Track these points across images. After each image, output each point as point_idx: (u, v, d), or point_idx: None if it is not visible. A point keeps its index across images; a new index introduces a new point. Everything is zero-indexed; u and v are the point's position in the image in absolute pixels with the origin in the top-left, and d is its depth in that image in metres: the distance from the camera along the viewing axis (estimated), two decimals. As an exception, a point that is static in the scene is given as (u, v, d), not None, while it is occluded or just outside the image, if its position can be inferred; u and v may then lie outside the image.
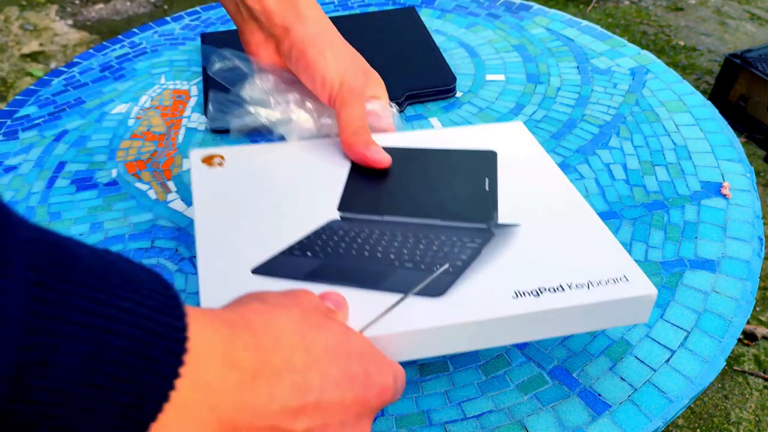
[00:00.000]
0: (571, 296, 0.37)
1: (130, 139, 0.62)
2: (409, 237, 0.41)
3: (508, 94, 0.66)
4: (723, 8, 2.24)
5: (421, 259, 0.39)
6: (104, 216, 0.54)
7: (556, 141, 0.59)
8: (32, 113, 0.66)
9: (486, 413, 0.39)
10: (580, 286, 0.37)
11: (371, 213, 0.43)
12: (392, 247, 0.40)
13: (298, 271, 0.39)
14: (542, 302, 0.36)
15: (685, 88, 0.65)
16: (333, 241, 0.41)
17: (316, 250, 0.40)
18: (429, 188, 0.45)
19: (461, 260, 0.39)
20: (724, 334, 0.43)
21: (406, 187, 0.45)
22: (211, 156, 0.48)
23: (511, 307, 0.36)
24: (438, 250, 0.40)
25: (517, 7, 0.79)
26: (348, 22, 0.74)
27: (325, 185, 0.46)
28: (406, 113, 0.64)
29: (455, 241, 0.40)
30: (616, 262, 0.39)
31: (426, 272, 0.38)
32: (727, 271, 0.47)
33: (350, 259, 0.39)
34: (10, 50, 2.10)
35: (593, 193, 0.54)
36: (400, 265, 0.39)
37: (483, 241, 0.40)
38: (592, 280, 0.38)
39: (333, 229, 0.42)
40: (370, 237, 0.41)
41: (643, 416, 0.39)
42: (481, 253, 0.39)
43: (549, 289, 0.37)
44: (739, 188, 0.53)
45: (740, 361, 1.22)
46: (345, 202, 0.44)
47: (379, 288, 0.37)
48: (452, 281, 0.38)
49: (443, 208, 0.43)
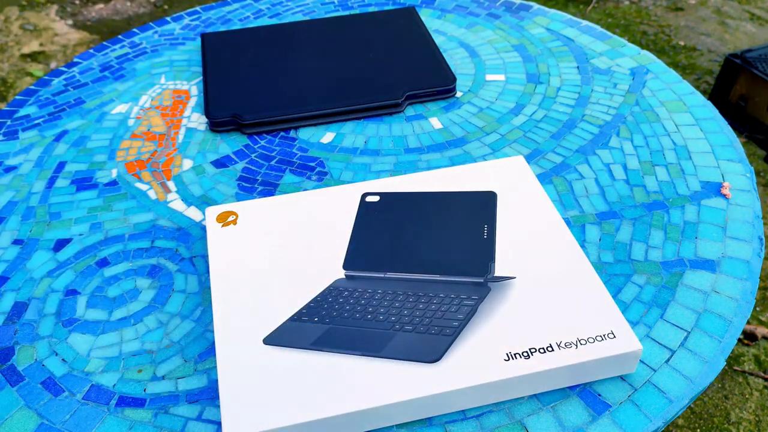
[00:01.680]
0: (560, 356, 0.39)
1: (130, 139, 0.62)
2: (410, 295, 0.43)
3: (508, 94, 0.66)
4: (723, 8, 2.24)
5: (419, 321, 0.41)
6: (104, 216, 0.54)
7: (556, 141, 0.59)
8: (32, 113, 0.66)
9: (486, 413, 0.39)
10: (568, 345, 0.39)
11: (374, 270, 0.45)
12: (393, 308, 0.42)
13: (305, 339, 0.41)
14: (532, 365, 0.38)
15: (685, 88, 0.65)
16: (338, 303, 0.43)
17: (322, 315, 0.42)
18: (429, 239, 0.47)
19: (458, 320, 0.41)
20: (724, 334, 0.43)
21: (407, 240, 0.47)
22: (225, 213, 0.50)
23: (503, 371, 0.38)
24: (436, 309, 0.42)
25: (517, 7, 0.79)
26: (348, 22, 0.74)
27: (331, 239, 0.48)
28: (406, 113, 0.64)
29: (453, 299, 0.42)
30: (604, 316, 0.41)
31: (424, 335, 0.40)
32: (727, 271, 0.47)
33: (354, 323, 0.42)
34: (10, 50, 2.10)
35: (593, 193, 0.54)
36: (401, 328, 0.41)
37: (479, 298, 0.42)
38: (580, 337, 0.40)
39: (338, 290, 0.44)
40: (373, 297, 0.43)
41: (643, 416, 0.39)
42: (477, 310, 0.41)
43: (539, 350, 0.39)
44: (739, 188, 0.53)
45: (740, 361, 1.22)
46: (349, 259, 0.46)
47: (379, 354, 0.39)
48: (448, 345, 0.40)
49: (442, 262, 0.45)
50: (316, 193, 0.52)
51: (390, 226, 0.48)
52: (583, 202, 0.53)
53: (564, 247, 0.45)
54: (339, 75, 0.66)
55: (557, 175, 0.56)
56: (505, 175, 0.52)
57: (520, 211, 0.48)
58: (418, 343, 0.40)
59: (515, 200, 0.49)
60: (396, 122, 0.63)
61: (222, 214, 0.50)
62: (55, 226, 0.54)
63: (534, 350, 0.39)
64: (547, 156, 0.58)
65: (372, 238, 0.47)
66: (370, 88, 0.64)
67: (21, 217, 0.54)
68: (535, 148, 0.59)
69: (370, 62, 0.68)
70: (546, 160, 0.57)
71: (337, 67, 0.68)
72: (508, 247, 0.46)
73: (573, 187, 0.55)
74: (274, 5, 0.82)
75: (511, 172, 0.52)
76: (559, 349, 0.39)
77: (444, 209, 0.49)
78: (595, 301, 0.42)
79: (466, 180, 0.52)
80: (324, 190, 0.52)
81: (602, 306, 0.41)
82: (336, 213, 0.50)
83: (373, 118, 0.63)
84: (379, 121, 0.63)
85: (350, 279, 0.44)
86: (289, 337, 0.41)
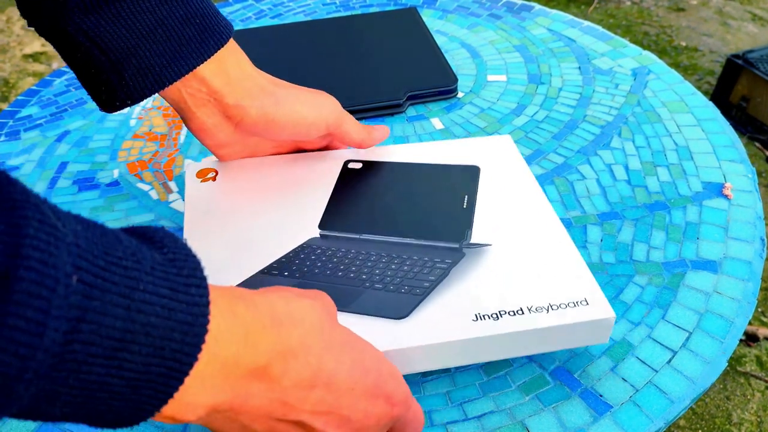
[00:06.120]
0: (530, 320, 0.38)
1: (131, 139, 0.62)
2: (383, 256, 0.43)
3: (509, 94, 0.66)
4: (725, 9, 2.24)
5: (390, 280, 0.41)
6: (106, 216, 0.54)
7: (557, 141, 0.59)
8: (34, 114, 0.67)
9: (487, 414, 0.39)
10: (539, 310, 0.39)
11: (350, 231, 0.45)
12: (365, 267, 0.42)
13: None
14: (501, 326, 0.38)
15: (686, 88, 0.65)
16: (310, 260, 0.43)
17: (292, 270, 0.42)
18: (408, 205, 0.47)
19: (429, 281, 0.40)
20: (726, 335, 0.43)
21: (385, 205, 0.47)
22: (205, 170, 0.50)
23: (470, 331, 0.38)
24: (408, 270, 0.41)
25: (519, 8, 0.79)
26: (349, 22, 0.74)
27: (310, 201, 0.47)
28: (408, 114, 0.64)
29: (426, 261, 0.42)
30: (579, 284, 0.40)
31: (394, 294, 0.40)
32: (729, 271, 0.47)
33: (324, 279, 0.41)
34: (12, 51, 2.10)
35: (595, 194, 0.54)
36: (371, 286, 0.40)
37: (453, 262, 0.42)
38: (552, 303, 0.39)
39: (311, 248, 0.43)
40: (345, 256, 0.43)
41: (645, 417, 0.39)
42: (449, 274, 0.41)
43: (509, 312, 0.39)
44: (740, 189, 0.53)
45: (742, 362, 1.22)
46: (325, 220, 0.46)
47: (347, 309, 0.39)
48: (416, 304, 0.39)
49: (419, 226, 0.45)
50: (299, 157, 0.51)
51: (370, 191, 0.48)
52: (584, 203, 0.53)
53: (543, 219, 0.45)
54: (340, 75, 0.66)
55: (559, 176, 0.56)
56: (492, 152, 0.52)
57: (503, 186, 0.48)
58: (387, 300, 0.39)
59: (499, 175, 0.49)
60: (397, 122, 0.63)
61: (202, 171, 0.50)
62: (56, 226, 0.54)
63: (504, 312, 0.39)
64: (548, 156, 0.58)
65: (350, 201, 0.47)
66: (371, 88, 0.64)
67: (23, 218, 0.55)
68: (536, 148, 0.59)
69: (371, 63, 0.68)
70: (547, 161, 0.57)
71: (339, 67, 0.68)
72: (487, 218, 0.45)
73: (574, 187, 0.55)
74: (275, 6, 0.82)
75: (498, 150, 0.52)
76: (530, 312, 0.39)
77: (426, 179, 0.49)
78: (571, 270, 0.41)
79: (453, 154, 0.51)
80: (307, 155, 0.52)
81: (578, 274, 0.41)
82: (317, 177, 0.49)
83: (375, 118, 0.63)
84: (381, 121, 0.63)
85: (325, 238, 0.44)
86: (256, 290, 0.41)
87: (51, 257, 0.20)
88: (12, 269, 0.20)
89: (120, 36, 0.40)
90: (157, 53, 0.41)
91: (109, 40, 0.40)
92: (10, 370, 0.20)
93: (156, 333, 0.23)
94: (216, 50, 0.43)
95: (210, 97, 0.45)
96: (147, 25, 0.40)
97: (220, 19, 0.44)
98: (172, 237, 0.27)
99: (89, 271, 0.22)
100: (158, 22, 0.41)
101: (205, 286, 0.26)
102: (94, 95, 0.42)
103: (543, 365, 0.42)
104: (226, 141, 0.48)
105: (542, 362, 0.42)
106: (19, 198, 0.21)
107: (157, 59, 0.41)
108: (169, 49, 0.41)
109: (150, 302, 0.23)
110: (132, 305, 0.23)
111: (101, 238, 0.23)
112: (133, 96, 0.41)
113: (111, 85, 0.41)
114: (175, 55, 0.42)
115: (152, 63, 0.41)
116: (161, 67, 0.41)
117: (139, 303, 0.23)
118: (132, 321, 0.23)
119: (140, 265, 0.24)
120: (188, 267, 0.26)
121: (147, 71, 0.41)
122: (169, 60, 0.41)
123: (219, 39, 0.44)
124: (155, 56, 0.41)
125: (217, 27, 0.44)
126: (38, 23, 0.40)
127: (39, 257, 0.20)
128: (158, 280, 0.24)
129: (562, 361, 0.42)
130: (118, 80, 0.41)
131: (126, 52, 0.40)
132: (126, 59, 0.40)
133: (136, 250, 0.24)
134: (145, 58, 0.41)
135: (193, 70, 0.43)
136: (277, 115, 0.47)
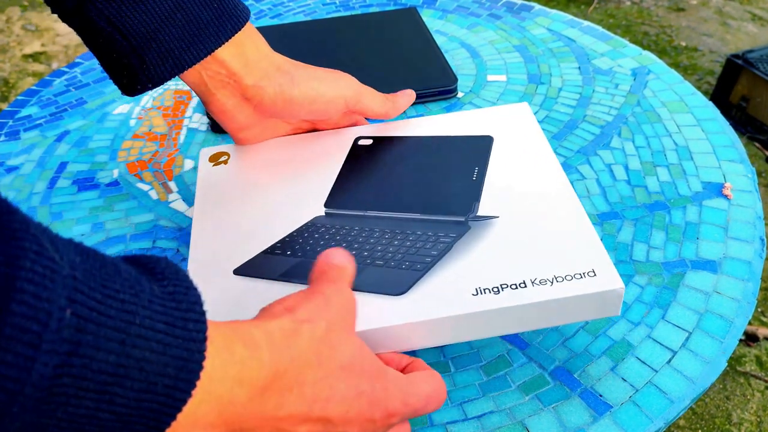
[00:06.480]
0: (532, 293, 0.37)
1: (131, 139, 0.62)
2: (387, 233, 0.42)
3: (509, 94, 0.66)
4: (724, 9, 2.24)
5: (392, 256, 0.40)
6: (106, 216, 0.54)
7: (557, 141, 0.59)
8: (34, 114, 0.67)
9: (487, 414, 0.39)
10: (543, 282, 0.37)
11: (355, 209, 0.44)
12: (368, 244, 0.41)
13: (274, 271, 0.40)
14: (501, 300, 0.37)
15: (686, 88, 0.65)
16: (313, 238, 0.42)
17: (295, 249, 0.42)
18: (416, 180, 0.46)
19: (431, 256, 0.40)
20: (726, 335, 0.43)
21: (393, 181, 0.46)
22: (218, 153, 0.50)
23: (469, 305, 0.36)
24: (411, 245, 0.41)
25: (519, 8, 0.79)
26: (349, 22, 0.74)
27: (320, 180, 0.47)
28: (407, 113, 0.64)
29: (430, 236, 0.41)
30: (587, 255, 0.38)
31: (394, 270, 0.39)
32: (729, 271, 0.47)
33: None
34: (11, 51, 2.10)
35: (594, 194, 0.54)
36: (372, 263, 0.40)
37: (457, 236, 0.41)
38: (557, 274, 0.37)
39: (316, 227, 0.43)
40: (349, 234, 0.42)
41: (645, 417, 0.39)
42: (453, 247, 0.40)
43: (510, 285, 0.37)
44: (740, 189, 0.53)
45: (742, 362, 1.22)
46: (331, 198, 0.45)
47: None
48: (416, 279, 0.38)
49: (425, 201, 0.44)
50: (311, 136, 0.51)
51: (379, 167, 0.48)
52: (584, 203, 0.53)
53: (555, 188, 0.43)
54: (340, 75, 0.66)
55: (558, 176, 0.56)
56: (507, 121, 0.50)
57: (517, 155, 0.47)
58: (386, 276, 0.39)
59: (514, 145, 0.48)
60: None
61: (215, 154, 0.50)
62: (56, 226, 0.54)
63: (505, 286, 0.37)
64: (548, 156, 0.58)
65: (358, 179, 0.47)
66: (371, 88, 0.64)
67: (22, 218, 0.55)
68: (536, 148, 0.59)
69: (371, 63, 0.68)
70: (547, 161, 0.57)
71: (339, 67, 0.67)
72: (497, 189, 0.44)
73: (574, 187, 0.55)
74: (275, 6, 0.82)
75: (514, 118, 0.50)
76: (533, 285, 0.37)
77: (437, 152, 0.48)
78: (581, 241, 0.39)
79: (468, 125, 0.50)
80: (320, 134, 0.51)
81: (587, 244, 0.39)
82: (329, 156, 0.49)
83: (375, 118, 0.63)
84: (380, 121, 0.63)
85: (330, 217, 0.44)
86: (259, 269, 0.41)
87: (45, 291, 0.20)
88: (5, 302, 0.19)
89: (141, 21, 0.40)
90: (176, 37, 0.42)
91: (131, 25, 0.40)
92: None
93: (150, 368, 0.23)
94: (233, 33, 0.44)
95: (229, 79, 0.46)
96: (166, 9, 0.41)
97: (237, 2, 0.45)
98: (173, 268, 0.27)
99: (85, 304, 0.22)
100: (177, 7, 0.41)
101: (204, 321, 0.25)
102: (116, 79, 0.43)
103: (543, 365, 0.42)
104: (246, 123, 0.49)
105: (542, 362, 0.42)
106: (18, 228, 0.21)
107: (177, 43, 0.42)
108: (188, 32, 0.42)
109: (146, 337, 0.23)
110: (127, 340, 0.22)
111: (100, 269, 0.23)
112: (154, 79, 0.42)
113: (132, 69, 0.42)
114: (194, 39, 0.42)
115: (172, 47, 0.42)
116: (181, 51, 0.42)
117: (134, 338, 0.23)
118: (126, 356, 0.22)
119: (138, 298, 0.23)
120: (187, 301, 0.25)
121: (167, 55, 0.42)
122: (188, 44, 0.42)
123: (236, 22, 0.44)
124: (175, 40, 0.42)
125: (235, 11, 0.44)
126: (61, 9, 0.41)
127: (33, 291, 0.20)
128: (155, 314, 0.24)
129: (562, 361, 0.42)
130: (140, 64, 0.41)
131: (147, 37, 0.41)
132: (147, 44, 0.41)
133: (135, 282, 0.24)
134: (165, 42, 0.41)
135: (212, 53, 0.44)
136: (294, 93, 0.47)
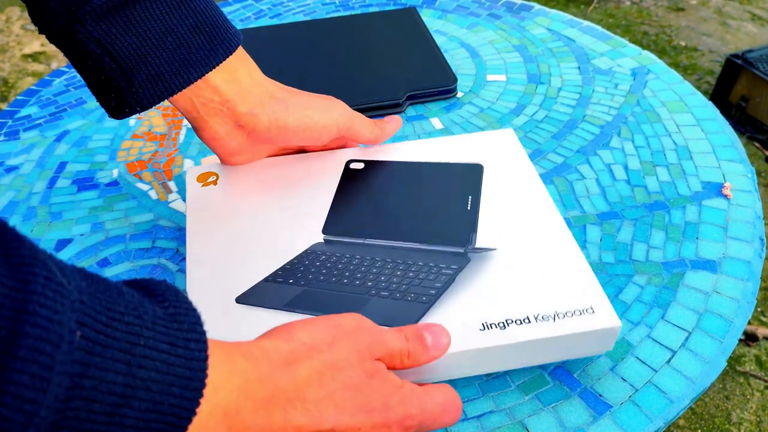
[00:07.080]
0: (537, 329, 0.38)
1: (131, 139, 0.62)
2: (388, 262, 0.42)
3: (509, 94, 0.66)
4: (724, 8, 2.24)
5: (396, 287, 0.40)
6: (105, 216, 0.54)
7: (557, 141, 0.59)
8: (33, 113, 0.67)
9: (487, 414, 0.39)
10: (546, 318, 0.38)
11: (354, 236, 0.44)
12: (371, 273, 0.41)
13: (278, 300, 0.40)
14: (508, 335, 0.37)
15: (686, 88, 0.65)
16: (315, 266, 0.42)
17: (297, 277, 0.41)
18: (411, 208, 0.46)
19: (435, 288, 0.40)
20: (725, 335, 0.43)
21: (388, 208, 0.46)
22: (206, 174, 0.50)
23: (478, 341, 0.37)
24: (414, 276, 0.41)
25: (518, 8, 0.79)
26: (349, 22, 0.74)
27: (313, 204, 0.47)
28: (407, 113, 0.64)
29: (431, 267, 0.41)
30: (584, 291, 0.40)
31: (400, 302, 0.39)
32: (728, 271, 0.47)
33: (329, 286, 0.41)
34: (11, 50, 2.10)
35: (594, 194, 0.54)
36: (376, 293, 0.40)
37: (458, 267, 0.41)
38: (558, 311, 0.39)
39: (316, 254, 0.43)
40: (350, 262, 0.42)
41: (644, 417, 0.39)
42: (455, 280, 0.40)
43: (515, 321, 0.38)
44: (740, 189, 0.53)
45: (741, 361, 1.22)
46: (329, 224, 0.45)
47: None
48: (424, 312, 0.39)
49: (423, 230, 0.44)
50: (300, 158, 0.51)
51: (373, 193, 0.48)
52: (584, 203, 0.53)
53: (548, 221, 0.44)
54: (340, 75, 0.66)
55: (558, 176, 0.56)
56: (494, 148, 0.51)
57: (507, 184, 0.47)
58: (393, 308, 0.39)
59: (503, 173, 0.48)
60: (397, 122, 0.63)
61: (203, 174, 0.50)
62: (56, 226, 0.54)
63: (510, 321, 0.38)
64: (548, 156, 0.58)
65: (354, 204, 0.47)
66: (370, 88, 0.64)
67: (22, 218, 0.55)
68: (536, 148, 0.59)
69: (371, 63, 0.68)
70: (547, 161, 0.57)
71: (338, 67, 0.68)
72: (491, 219, 0.45)
73: (574, 187, 0.55)
74: (275, 5, 0.82)
75: (501, 145, 0.51)
76: (536, 321, 0.38)
77: (429, 179, 0.48)
78: (577, 277, 0.40)
79: (455, 151, 0.51)
80: (309, 156, 0.51)
81: (583, 281, 0.40)
82: (320, 178, 0.49)
83: (374, 118, 0.63)
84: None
85: (329, 244, 0.44)
86: (262, 298, 0.40)
87: (56, 314, 0.21)
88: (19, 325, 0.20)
89: (131, 43, 0.40)
90: (167, 60, 0.41)
91: (120, 48, 0.40)
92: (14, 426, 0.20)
93: (156, 388, 0.24)
94: (225, 58, 0.44)
95: (222, 107, 0.45)
96: (157, 32, 0.41)
97: (229, 27, 0.44)
98: (173, 291, 0.27)
99: (92, 327, 0.22)
100: (168, 30, 0.41)
101: (204, 341, 0.26)
102: (103, 101, 0.43)
103: (542, 365, 0.42)
104: (238, 149, 0.49)
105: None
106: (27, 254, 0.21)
107: (167, 66, 0.41)
108: (179, 56, 0.42)
109: (150, 357, 0.24)
110: (133, 360, 0.23)
111: (104, 293, 0.24)
112: (143, 103, 0.42)
113: (121, 92, 0.41)
114: (185, 63, 0.42)
115: (162, 70, 0.41)
116: (171, 75, 0.42)
117: (139, 358, 0.23)
118: (133, 376, 0.23)
119: (141, 321, 0.24)
120: (189, 322, 0.26)
121: (157, 78, 0.41)
122: (178, 67, 0.42)
123: (228, 47, 0.44)
124: (165, 63, 0.41)
125: (226, 35, 0.44)
126: (49, 30, 0.40)
127: (45, 314, 0.21)
128: (159, 335, 0.24)
129: (562, 361, 0.42)
130: (129, 87, 0.41)
131: (136, 60, 0.40)
132: (136, 66, 0.40)
133: (138, 304, 0.25)
134: (155, 65, 0.41)
135: (202, 77, 0.43)
136: (289, 121, 0.47)
